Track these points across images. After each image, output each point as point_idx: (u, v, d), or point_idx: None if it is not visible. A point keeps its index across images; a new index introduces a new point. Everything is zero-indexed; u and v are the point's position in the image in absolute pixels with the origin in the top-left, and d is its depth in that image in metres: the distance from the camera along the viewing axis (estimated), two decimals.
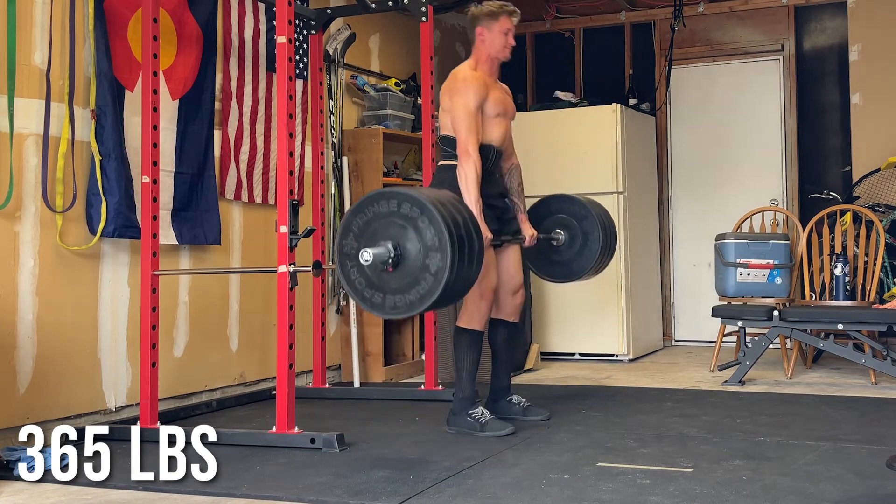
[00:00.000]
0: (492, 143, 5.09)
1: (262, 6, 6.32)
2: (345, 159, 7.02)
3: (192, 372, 5.80)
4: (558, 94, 8.40)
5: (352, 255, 4.05)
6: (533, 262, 5.94)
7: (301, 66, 6.56)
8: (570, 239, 5.78)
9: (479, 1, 5.68)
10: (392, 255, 3.96)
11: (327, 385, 6.06)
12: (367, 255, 3.91)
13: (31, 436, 4.54)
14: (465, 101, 4.96)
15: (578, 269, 5.79)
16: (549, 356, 7.73)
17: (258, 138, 6.27)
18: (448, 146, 5.03)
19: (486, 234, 4.77)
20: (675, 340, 8.95)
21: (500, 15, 5.05)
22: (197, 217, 5.75)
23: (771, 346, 6.66)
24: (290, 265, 4.63)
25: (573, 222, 5.78)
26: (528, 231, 5.42)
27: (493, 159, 5.13)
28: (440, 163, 5.10)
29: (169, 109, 5.57)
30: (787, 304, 6.94)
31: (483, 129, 5.04)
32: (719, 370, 6.91)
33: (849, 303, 6.73)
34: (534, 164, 7.75)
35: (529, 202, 6.00)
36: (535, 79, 9.45)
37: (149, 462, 4.23)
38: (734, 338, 7.31)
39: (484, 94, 5.03)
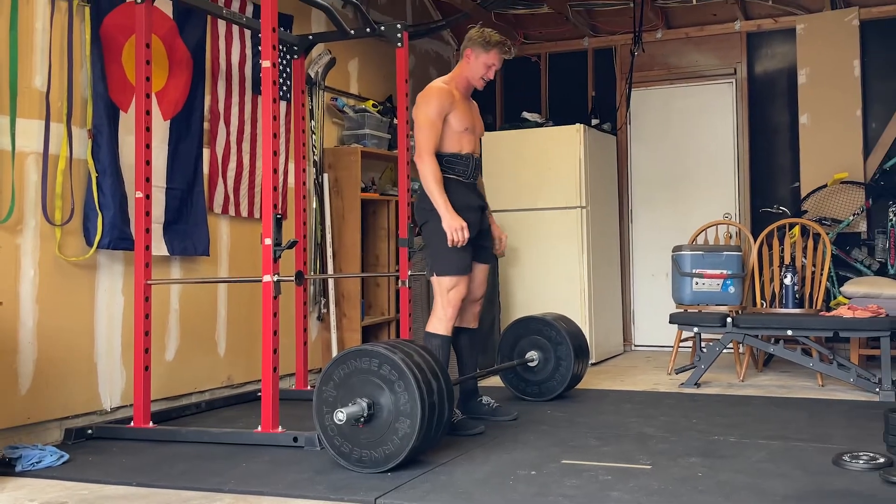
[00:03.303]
0: (470, 152, 5.08)
1: (248, 32, 6.30)
2: (325, 176, 7.03)
3: (183, 375, 5.77)
4: (525, 114, 8.48)
5: (329, 402, 4.03)
6: (507, 380, 6.01)
7: (284, 88, 6.57)
8: (545, 361, 5.88)
9: (481, 24, 5.71)
10: (365, 413, 3.92)
11: (309, 387, 6.03)
12: (340, 415, 3.88)
13: (31, 434, 4.69)
14: (427, 110, 4.93)
15: (548, 391, 5.86)
16: None
17: (244, 156, 6.26)
18: None
19: (460, 224, 4.77)
20: (635, 345, 8.99)
21: (492, 49, 5.02)
22: (187, 230, 5.72)
23: (724, 350, 6.68)
24: (274, 275, 4.62)
25: (548, 346, 5.88)
26: (497, 232, 5.39)
27: (473, 169, 5.10)
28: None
29: (161, 129, 5.56)
30: (740, 312, 6.98)
31: (456, 141, 5.02)
32: (676, 373, 6.94)
33: (797, 310, 6.74)
34: (503, 180, 7.92)
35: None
36: (503, 100, 9.46)
37: (141, 459, 4.34)
38: (690, 343, 7.35)
39: (447, 105, 4.98)
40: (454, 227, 4.76)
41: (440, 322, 4.93)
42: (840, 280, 7.72)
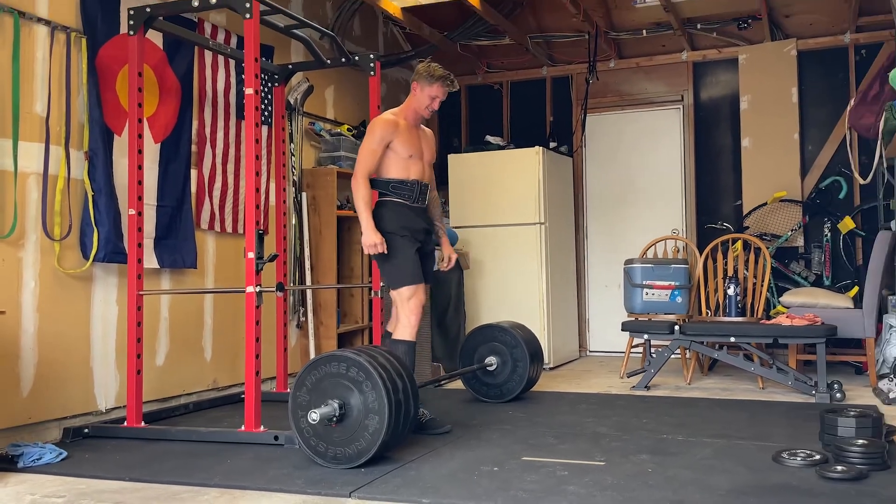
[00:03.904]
0: (414, 178, 5.07)
1: (232, 62, 6.28)
2: (304, 195, 7.02)
3: (172, 378, 5.75)
4: (489, 137, 8.50)
5: (303, 406, 4.04)
6: (469, 383, 6.02)
7: (266, 114, 6.57)
8: (503, 365, 5.89)
9: (430, 59, 5.78)
10: (337, 414, 3.93)
11: (289, 389, 5.85)
12: (314, 416, 3.89)
13: (32, 433, 4.68)
14: (369, 140, 4.96)
15: (507, 393, 5.88)
16: None
17: (229, 176, 6.23)
18: (374, 186, 5.05)
19: (372, 241, 4.82)
20: (590, 351, 8.96)
21: (435, 82, 5.02)
22: (176, 244, 5.71)
23: (672, 356, 6.62)
24: (256, 286, 4.62)
25: (506, 351, 5.90)
26: (447, 251, 5.44)
27: (419, 193, 5.10)
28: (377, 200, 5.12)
29: (152, 151, 5.55)
30: (687, 320, 7.00)
31: (402, 168, 5.03)
32: (628, 377, 6.99)
33: (740, 319, 6.77)
34: (468, 199, 7.89)
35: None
36: (468, 124, 9.44)
37: (134, 456, 4.33)
38: (641, 349, 7.27)
39: (389, 134, 4.99)
40: (369, 244, 4.85)
41: (405, 329, 4.94)
42: (779, 291, 7.78)
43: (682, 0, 7.46)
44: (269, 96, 6.57)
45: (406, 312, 4.95)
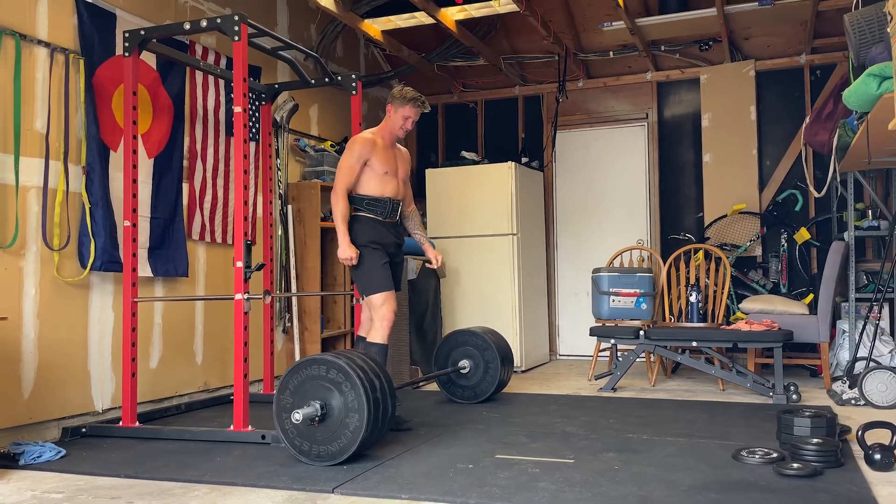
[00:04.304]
0: (388, 196, 5.14)
1: (221, 82, 6.29)
2: (289, 207, 7.01)
3: (165, 380, 5.76)
4: (464, 153, 8.52)
5: (287, 408, 4.05)
6: (444, 385, 6.02)
7: (254, 130, 6.56)
8: (475, 368, 5.91)
9: (403, 83, 5.85)
10: (319, 414, 3.94)
11: (275, 391, 5.93)
12: (297, 416, 3.91)
13: (33, 433, 4.68)
14: (347, 157, 5.05)
15: (481, 393, 5.91)
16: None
17: (219, 190, 6.23)
18: (351, 202, 5.10)
19: (347, 255, 4.93)
20: (560, 355, 8.93)
21: (406, 104, 5.11)
22: (169, 254, 5.71)
23: (638, 359, 6.72)
24: (244, 293, 4.64)
25: (478, 354, 5.92)
26: (431, 253, 5.52)
27: (391, 210, 5.17)
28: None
29: (146, 166, 5.56)
30: (651, 326, 6.99)
31: (378, 185, 5.10)
32: (595, 379, 7.01)
33: (701, 324, 6.73)
34: (445, 211, 7.87)
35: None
36: (445, 140, 9.44)
37: (129, 454, 4.34)
38: (608, 353, 7.37)
39: (367, 152, 5.07)
40: (344, 257, 4.95)
41: (377, 332, 5.01)
42: (738, 298, 7.83)
43: (647, 23, 7.44)
44: (257, 114, 6.55)
45: (378, 318, 5.03)
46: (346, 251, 4.97)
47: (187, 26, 4.89)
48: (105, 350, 5.32)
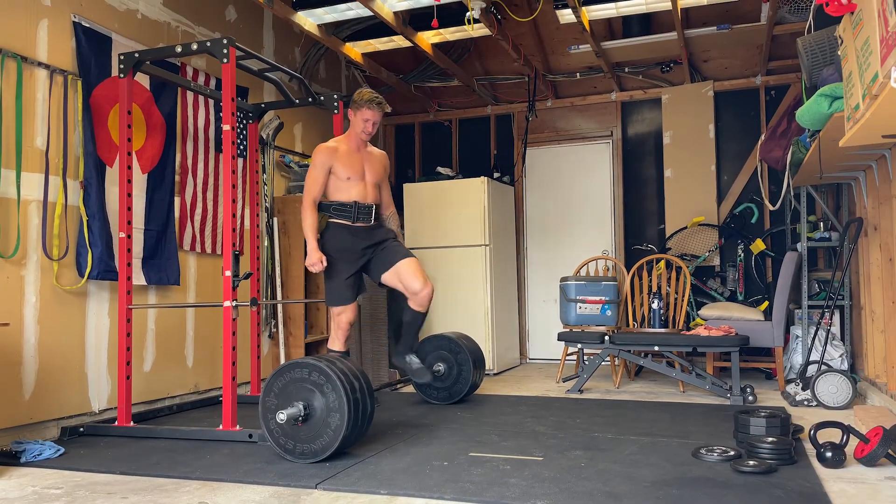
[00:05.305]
0: (353, 200, 5.12)
1: (211, 101, 6.29)
2: (275, 220, 7.01)
3: (158, 383, 5.77)
4: (440, 168, 8.57)
5: (272, 409, 4.06)
6: (420, 387, 6.02)
7: (241, 147, 6.53)
8: (449, 370, 5.89)
9: (363, 86, 5.84)
10: (302, 414, 3.95)
11: (262, 393, 5.91)
12: (282, 416, 3.92)
13: (33, 432, 4.79)
14: (311, 168, 5.10)
15: (455, 394, 5.90)
16: None
17: (208, 203, 6.24)
18: (320, 209, 5.15)
19: (312, 261, 4.96)
20: (530, 359, 8.92)
21: (364, 105, 5.07)
22: (161, 264, 5.73)
23: (603, 363, 6.71)
24: (233, 301, 4.66)
25: (452, 358, 5.90)
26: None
27: (357, 214, 5.14)
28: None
29: (140, 181, 5.59)
30: (616, 331, 6.98)
31: (343, 190, 5.10)
32: (563, 381, 7.00)
33: (663, 330, 6.78)
34: (421, 223, 7.88)
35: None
36: (421, 157, 9.41)
37: (124, 452, 4.36)
38: (575, 357, 7.38)
39: (328, 160, 5.07)
40: (310, 262, 5.02)
41: (334, 340, 5.18)
42: (698, 305, 7.88)
43: (612, 46, 7.45)
44: (244, 132, 6.56)
45: (334, 326, 5.21)
46: (311, 257, 5.01)
47: (179, 49, 4.91)
48: (101, 354, 5.33)
